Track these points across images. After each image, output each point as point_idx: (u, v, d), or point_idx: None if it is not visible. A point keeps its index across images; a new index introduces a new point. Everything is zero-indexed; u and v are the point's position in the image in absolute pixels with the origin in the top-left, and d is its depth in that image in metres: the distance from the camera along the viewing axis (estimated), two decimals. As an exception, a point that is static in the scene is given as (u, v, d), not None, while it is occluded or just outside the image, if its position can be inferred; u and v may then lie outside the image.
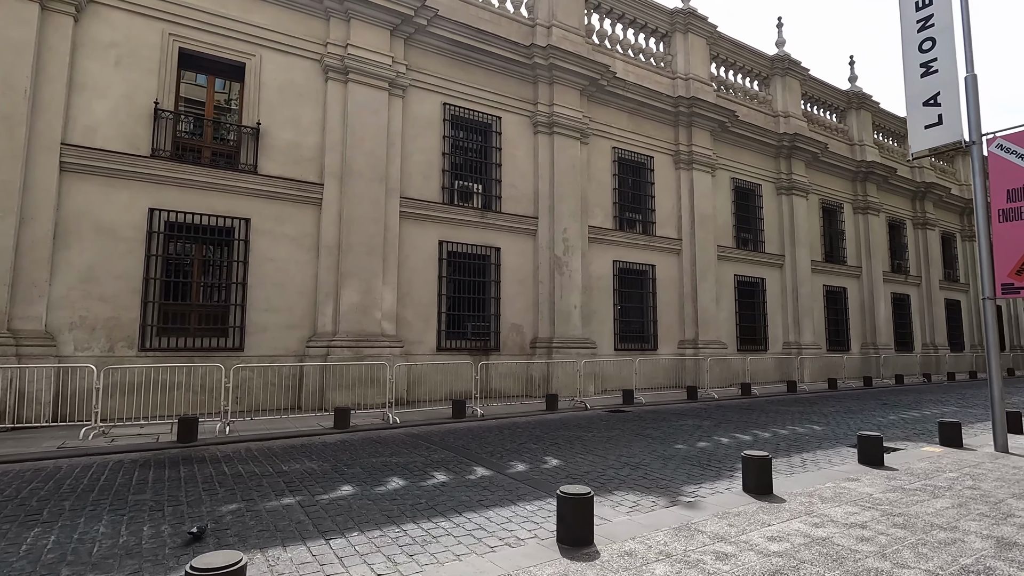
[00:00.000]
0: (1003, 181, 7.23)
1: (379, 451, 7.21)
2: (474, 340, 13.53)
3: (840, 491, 5.03)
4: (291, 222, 11.47)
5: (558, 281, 14.47)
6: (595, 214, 15.88)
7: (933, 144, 7.93)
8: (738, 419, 10.51)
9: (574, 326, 14.56)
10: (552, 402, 11.62)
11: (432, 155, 13.35)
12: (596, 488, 5.41)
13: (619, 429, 9.15)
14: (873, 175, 23.75)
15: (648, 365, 16.13)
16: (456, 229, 13.46)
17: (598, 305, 15.64)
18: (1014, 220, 7.11)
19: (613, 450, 7.34)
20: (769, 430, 9.16)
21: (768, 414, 11.32)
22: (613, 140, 16.54)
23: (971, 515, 4.32)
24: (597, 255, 15.78)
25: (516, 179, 14.56)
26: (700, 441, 8.03)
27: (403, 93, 12.90)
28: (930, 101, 7.94)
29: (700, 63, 18.45)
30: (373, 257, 11.97)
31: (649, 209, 17.14)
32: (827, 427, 9.54)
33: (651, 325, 16.71)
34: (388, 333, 12.09)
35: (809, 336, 20.33)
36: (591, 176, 15.89)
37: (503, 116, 14.50)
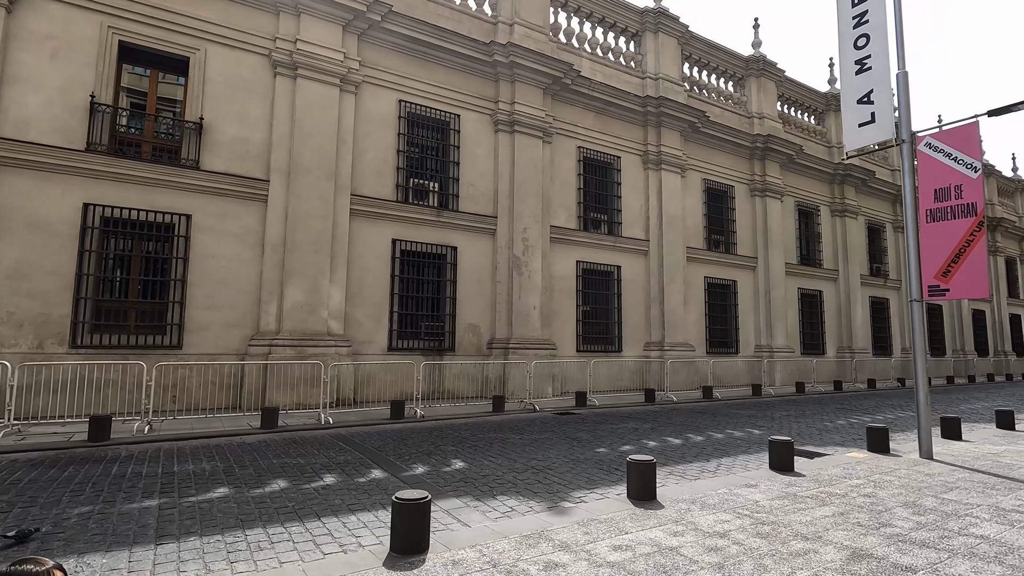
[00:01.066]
0: (931, 180, 7.06)
1: (289, 452, 7.03)
2: (428, 340, 13.35)
3: (728, 498, 4.84)
4: (235, 219, 11.29)
5: (517, 281, 14.30)
6: (558, 214, 15.70)
7: (866, 142, 7.77)
8: (683, 423, 10.32)
9: (533, 327, 14.38)
10: (499, 404, 11.43)
11: (387, 152, 13.18)
12: (483, 492, 5.23)
13: (553, 432, 8.96)
14: (851, 177, 23.58)
15: (612, 367, 15.96)
16: (411, 228, 13.28)
17: (560, 306, 15.46)
18: (941, 220, 6.93)
19: (530, 453, 7.15)
20: (705, 434, 8.97)
21: (717, 418, 11.13)
22: (579, 140, 16.37)
23: (845, 524, 4.14)
24: (560, 255, 15.60)
25: (475, 178, 14.39)
26: (626, 445, 7.84)
27: (356, 90, 12.74)
28: (864, 99, 7.77)
29: (671, 63, 18.29)
30: (320, 255, 11.79)
31: (616, 210, 16.97)
32: (767, 431, 9.35)
33: (616, 327, 16.52)
34: (335, 332, 11.91)
35: (781, 339, 20.14)
36: (555, 176, 15.71)
37: (463, 114, 14.34)
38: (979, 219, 6.61)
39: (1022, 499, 4.90)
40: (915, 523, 4.19)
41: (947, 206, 6.89)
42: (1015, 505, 4.70)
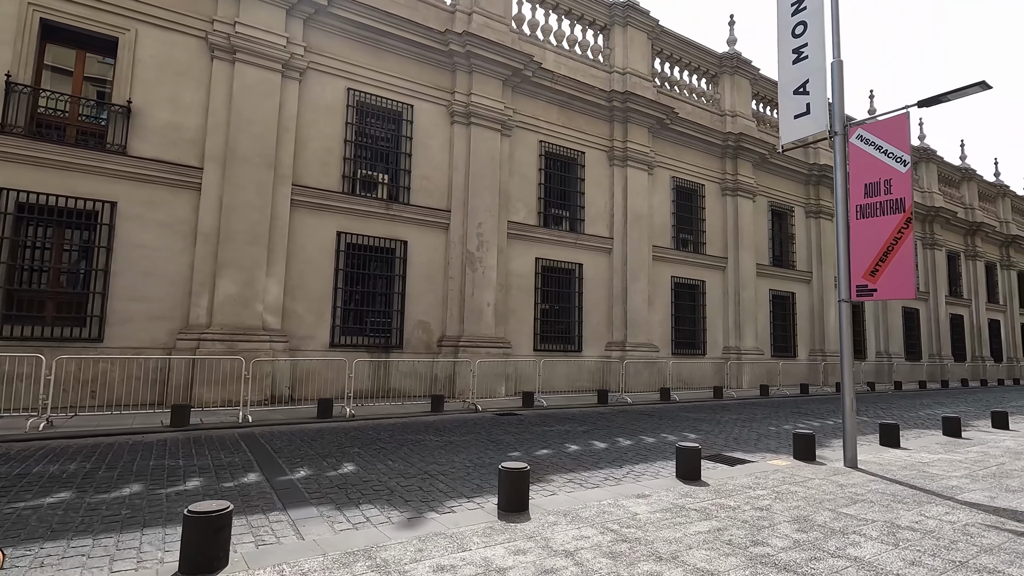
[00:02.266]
0: (861, 175, 6.70)
1: (179, 453, 6.60)
2: (374, 337, 12.94)
3: (607, 510, 4.46)
4: (165, 207, 10.83)
5: (470, 277, 13.89)
6: (517, 209, 15.31)
7: (801, 135, 7.41)
8: (623, 426, 9.95)
9: (486, 325, 13.98)
10: (437, 403, 11.03)
11: (333, 142, 12.75)
12: (350, 500, 4.83)
13: (477, 434, 8.57)
14: (827, 179, 23.29)
15: (571, 367, 15.59)
16: (358, 220, 12.85)
17: (517, 304, 15.06)
18: (870, 217, 6.58)
19: (436, 456, 6.76)
20: (637, 438, 8.60)
21: (663, 421, 10.77)
22: (541, 134, 15.97)
23: (714, 543, 3.76)
24: (518, 252, 15.20)
25: (429, 170, 13.97)
26: (545, 449, 7.46)
27: (300, 76, 12.30)
28: (800, 89, 7.41)
29: (640, 58, 17.92)
30: (257, 247, 11.35)
31: (578, 206, 16.59)
32: (703, 436, 8.99)
33: (576, 326, 16.15)
34: (271, 327, 11.47)
35: (751, 341, 19.83)
36: (514, 170, 15.31)
37: (416, 104, 13.91)
38: (907, 215, 6.25)
39: (925, 514, 4.54)
40: (791, 542, 3.82)
41: (876, 201, 6.53)
42: (912, 522, 4.34)
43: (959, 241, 31.87)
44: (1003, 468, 6.55)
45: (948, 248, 30.72)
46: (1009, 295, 34.95)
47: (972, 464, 6.76)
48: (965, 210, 32.43)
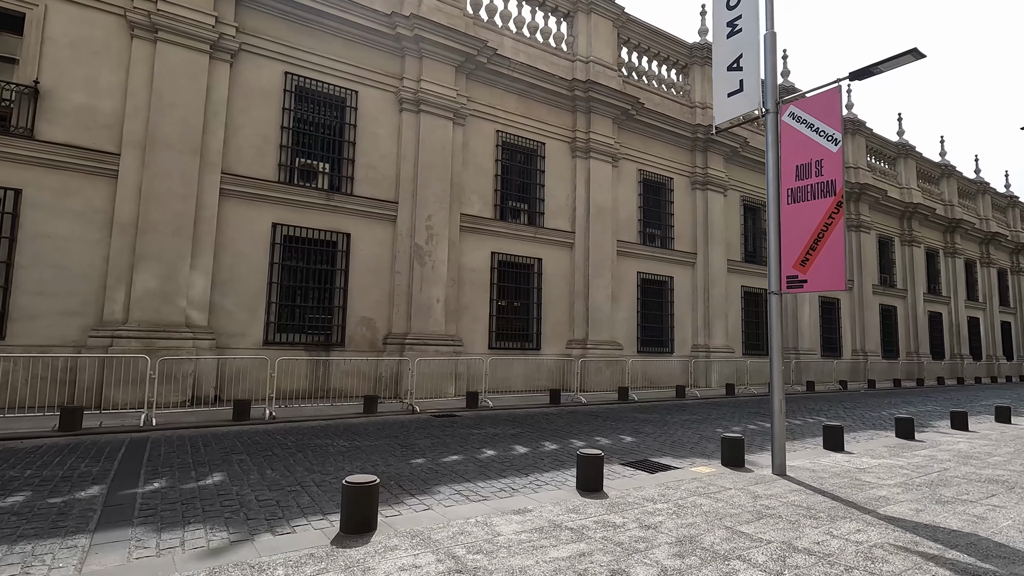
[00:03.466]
0: (793, 156, 6.15)
1: (41, 462, 5.95)
2: (313, 334, 12.29)
3: (466, 531, 3.87)
4: (78, 196, 10.13)
5: (419, 272, 13.27)
6: (472, 202, 14.69)
7: (734, 114, 6.84)
8: (561, 428, 9.39)
9: (436, 321, 13.37)
10: (371, 404, 10.40)
11: (269, 129, 12.08)
12: (188, 517, 4.21)
13: (395, 438, 7.96)
14: (801, 173, 22.82)
15: (529, 366, 15.02)
16: (296, 212, 12.20)
17: (471, 300, 14.46)
18: (801, 201, 6.03)
19: (327, 464, 6.15)
20: (566, 441, 8.03)
21: (608, 422, 10.21)
22: (498, 123, 15.36)
23: (566, 572, 3.18)
24: (472, 246, 14.59)
25: (375, 160, 13.33)
26: (454, 455, 6.86)
27: (231, 58, 11.62)
28: (734, 65, 6.85)
29: (604, 46, 17.35)
30: (180, 238, 10.67)
31: (538, 199, 16.00)
32: (641, 439, 8.44)
33: (535, 323, 15.57)
34: (196, 324, 10.80)
35: (720, 339, 19.34)
36: (468, 161, 14.70)
37: (362, 90, 13.26)
38: (837, 199, 5.71)
39: (833, 532, 3.98)
40: (658, 570, 3.24)
41: (807, 184, 5.99)
42: (813, 542, 3.78)
43: (938, 238, 31.59)
44: (944, 475, 6.03)
45: (927, 245, 30.42)
46: (989, 293, 34.75)
47: (913, 470, 6.24)
48: (944, 207, 32.15)
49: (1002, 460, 6.94)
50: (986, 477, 5.95)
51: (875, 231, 27.27)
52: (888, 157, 29.58)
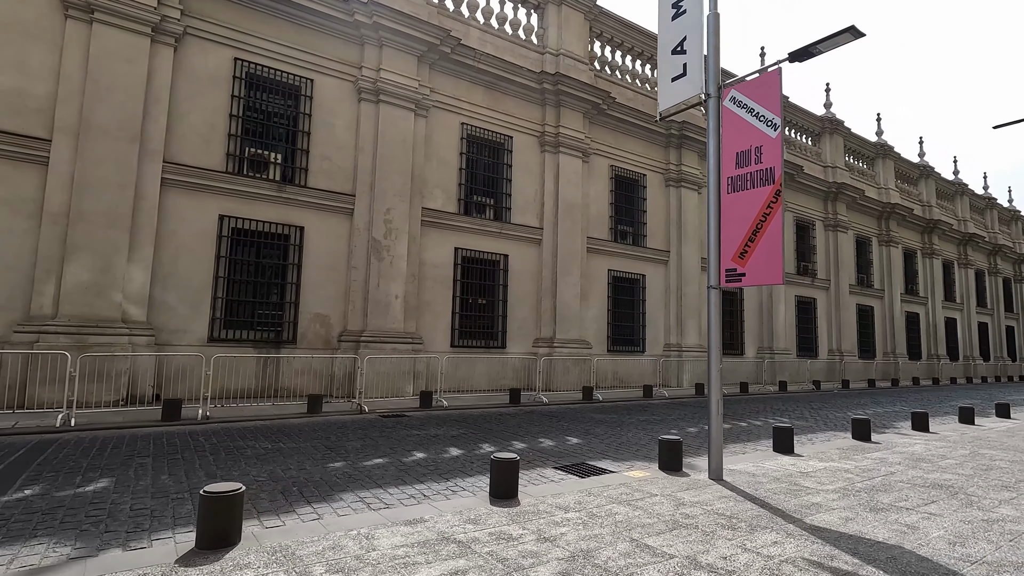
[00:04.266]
0: (734, 142, 5.82)
1: (-82, 466, 5.48)
2: (263, 331, 11.83)
3: (339, 545, 3.48)
4: (5, 183, 9.58)
5: (376, 267, 12.85)
6: (434, 196, 14.29)
7: (678, 99, 6.50)
8: (507, 430, 9.02)
9: (394, 318, 12.95)
10: (315, 403, 9.96)
11: (216, 117, 11.59)
12: (41, 530, 3.79)
13: (326, 440, 7.55)
14: (777, 172, 22.63)
15: (493, 364, 14.64)
16: (245, 203, 11.72)
17: (433, 296, 14.05)
18: (741, 190, 5.70)
19: (232, 469, 5.73)
20: (507, 443, 7.67)
21: (562, 423, 9.86)
22: (463, 115, 14.96)
23: (426, 596, 2.81)
24: (435, 241, 14.19)
25: (331, 151, 12.88)
26: (380, 459, 6.47)
27: (176, 42, 11.12)
28: (678, 48, 6.51)
29: (575, 39, 17.01)
30: (116, 230, 10.17)
31: (505, 194, 15.62)
32: (588, 440, 8.09)
33: (500, 321, 15.19)
34: (134, 319, 10.30)
35: (693, 338, 19.09)
36: (431, 154, 14.29)
37: (317, 79, 12.81)
38: (776, 187, 5.39)
39: (747, 545, 3.65)
40: (532, 593, 2.88)
41: (747, 172, 5.66)
42: (721, 556, 3.44)
43: (916, 239, 31.64)
44: (889, 479, 5.73)
45: (904, 245, 30.45)
46: (966, 294, 34.89)
47: (858, 474, 5.94)
48: (922, 207, 32.21)
49: (954, 463, 6.68)
50: (932, 482, 5.66)
51: (853, 231, 27.21)
52: (866, 157, 29.56)
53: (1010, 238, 41.08)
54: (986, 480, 5.77)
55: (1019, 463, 6.76)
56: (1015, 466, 6.56)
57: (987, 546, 3.75)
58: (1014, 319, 40.16)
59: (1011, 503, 4.87)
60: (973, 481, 5.72)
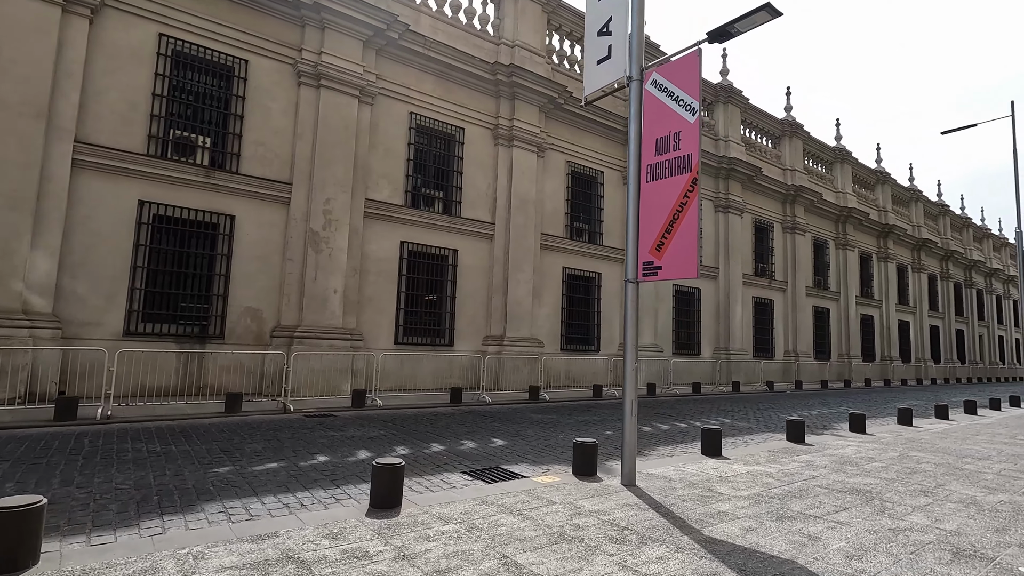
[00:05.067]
0: (654, 128, 5.51)
1: None
2: (187, 324, 11.13)
3: (160, 566, 3.00)
4: None
5: (314, 260, 12.26)
6: (380, 187, 13.75)
7: (603, 82, 6.17)
8: (439, 430, 8.59)
9: (332, 314, 12.38)
10: (234, 403, 9.37)
11: (138, 95, 10.85)
12: None
13: (226, 443, 7.00)
14: (737, 173, 22.75)
15: (440, 362, 14.16)
16: (169, 189, 11.01)
17: (377, 292, 13.52)
18: (660, 178, 5.39)
19: (95, 477, 5.16)
20: (425, 447, 7.24)
21: (497, 423, 9.47)
22: (412, 104, 14.45)
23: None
24: (380, 234, 13.65)
25: (267, 136, 12.23)
26: (275, 463, 5.97)
27: (92, 13, 10.34)
28: (604, 29, 6.17)
29: (532, 31, 16.65)
30: (18, 213, 9.38)
31: (456, 187, 15.17)
32: (513, 442, 7.72)
33: (448, 317, 14.74)
34: (37, 310, 9.52)
35: (649, 338, 18.94)
36: (377, 143, 13.74)
37: (253, 60, 12.15)
38: (693, 175, 5.08)
39: (627, 563, 3.29)
40: (350, 626, 2.46)
41: (666, 160, 5.35)
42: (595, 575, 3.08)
43: (872, 243, 32.29)
44: (809, 484, 5.49)
45: (861, 249, 31.02)
46: (919, 297, 35.81)
47: (778, 479, 5.69)
48: (878, 212, 32.90)
49: (880, 467, 6.50)
50: (851, 486, 5.44)
51: (810, 234, 27.56)
52: (825, 161, 30.00)
53: (961, 244, 42.38)
54: (906, 485, 5.58)
55: (944, 466, 6.63)
56: (939, 469, 6.42)
57: (885, 559, 3.48)
58: (964, 323, 41.44)
59: (924, 510, 4.66)
60: (893, 486, 5.52)
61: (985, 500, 5.04)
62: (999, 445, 8.53)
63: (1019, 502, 5.00)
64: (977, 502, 4.96)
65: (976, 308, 43.46)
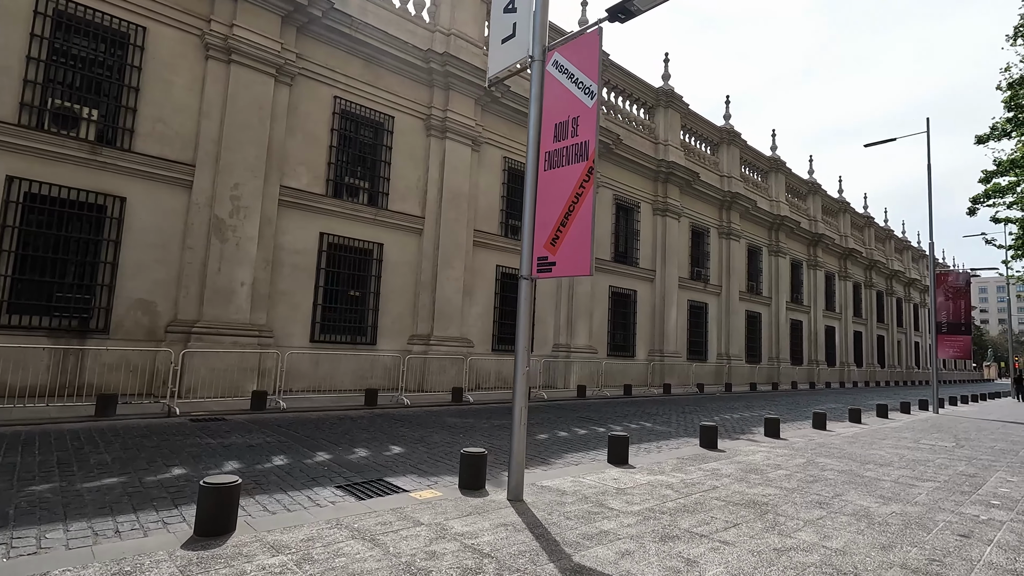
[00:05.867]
0: (553, 113, 5.10)
1: None
2: (63, 316, 9.97)
3: None
4: None
5: (218, 249, 11.29)
6: (298, 174, 12.88)
7: (507, 63, 5.71)
8: (335, 436, 7.93)
9: (238, 308, 11.45)
10: (106, 405, 8.36)
11: (10, 58, 9.62)
12: None
13: (75, 452, 6.13)
14: (675, 177, 22.97)
15: (361, 362, 13.42)
16: (46, 165, 9.83)
17: (292, 286, 12.65)
18: (557, 167, 4.98)
19: None
20: (316, 455, 6.59)
21: (403, 428, 8.88)
22: (337, 88, 13.64)
23: None
24: (296, 224, 12.78)
25: (167, 112, 11.17)
26: (116, 477, 5.19)
27: (-48, -40, 9.08)
28: (509, 6, 5.71)
29: (470, 20, 16.12)
30: None
31: (383, 178, 14.44)
32: (411, 449, 7.18)
33: (371, 315, 14.00)
34: None
35: (583, 339, 18.77)
36: (296, 127, 12.87)
37: (152, 27, 11.07)
38: (589, 164, 4.69)
39: (471, 602, 2.81)
40: None
41: (564, 147, 4.94)
42: (416, 625, 2.57)
43: (802, 250, 33.53)
44: (706, 496, 5.21)
45: (792, 256, 32.15)
46: (844, 304, 37.54)
47: (678, 490, 5.38)
48: (809, 221, 34.21)
49: (784, 475, 6.34)
50: (750, 498, 5.19)
51: (745, 240, 28.27)
52: (761, 170, 30.90)
53: (884, 255, 44.82)
54: (804, 496, 5.39)
55: (847, 473, 6.55)
56: (840, 477, 6.32)
57: (760, 589, 3.15)
58: (884, 329, 43.83)
59: (815, 524, 4.43)
60: (791, 497, 5.32)
61: (878, 512, 4.88)
62: (902, 450, 8.66)
63: (910, 513, 4.88)
64: (869, 515, 4.80)
65: (896, 315, 46.08)
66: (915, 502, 5.32)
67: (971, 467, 7.37)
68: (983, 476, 6.80)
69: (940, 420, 14.04)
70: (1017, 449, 9.37)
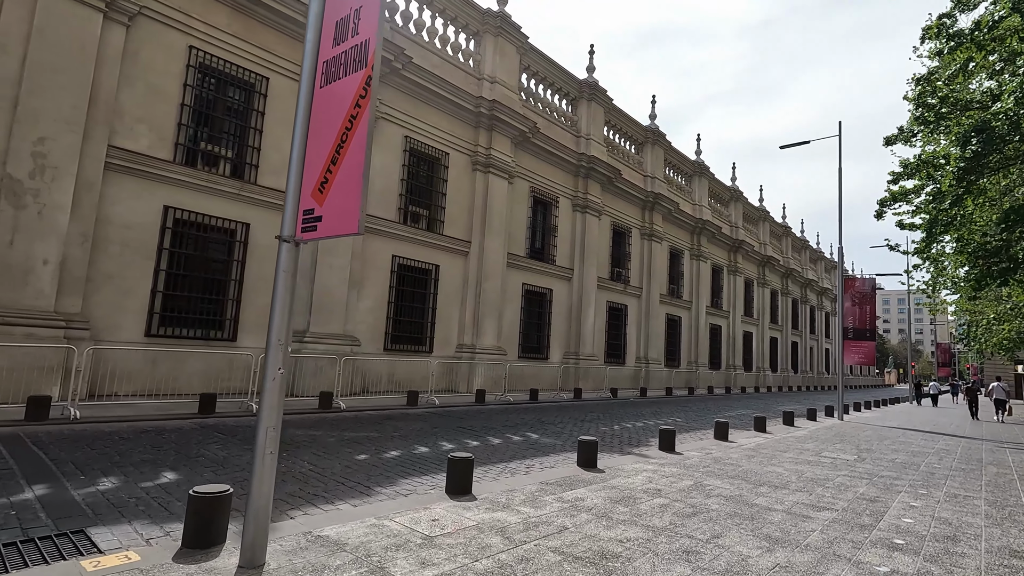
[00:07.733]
0: (338, 5, 3.58)
1: None
2: None
3: None
4: None
5: (10, 217, 9.02)
6: (134, 133, 10.71)
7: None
8: (107, 458, 6.07)
9: (37, 292, 9.20)
10: None
11: None
12: None
13: None
14: (596, 173, 22.08)
15: (215, 362, 11.37)
16: None
17: (121, 268, 10.46)
18: (334, 80, 3.46)
19: None
20: (21, 492, 4.74)
21: (216, 445, 7.09)
22: (193, 37, 11.56)
23: None
24: (130, 194, 10.61)
25: (-57, 40, 8.78)
26: None
27: None
28: None
29: (367, -21, 14.31)
30: None
31: (252, 147, 12.45)
32: (183, 475, 5.44)
33: (231, 306, 11.97)
34: None
35: (491, 339, 17.38)
36: (134, 76, 10.71)
37: (-77, -70, 8.65)
38: (368, 73, 3.22)
39: None
40: None
41: (343, 51, 3.45)
42: None
43: (723, 256, 33.82)
44: (541, 549, 3.83)
45: (713, 261, 32.28)
46: (762, 310, 38.34)
47: (509, 538, 3.99)
48: (731, 227, 34.59)
49: (660, 506, 5.11)
50: (599, 548, 3.86)
51: (667, 242, 27.93)
52: (685, 173, 30.79)
53: (800, 264, 46.47)
54: (673, 541, 4.13)
55: (734, 501, 5.42)
56: (727, 507, 5.17)
57: None
58: (798, 336, 45.37)
59: (668, 598, 3.13)
60: (655, 543, 4.04)
61: (757, 566, 3.67)
62: (802, 465, 7.77)
63: (796, 566, 3.70)
64: (746, 570, 3.58)
65: (809, 322, 47.90)
66: (805, 545, 4.19)
67: (873, 487, 6.49)
68: (885, 500, 5.88)
69: (844, 428, 13.65)
70: (918, 462, 8.76)
